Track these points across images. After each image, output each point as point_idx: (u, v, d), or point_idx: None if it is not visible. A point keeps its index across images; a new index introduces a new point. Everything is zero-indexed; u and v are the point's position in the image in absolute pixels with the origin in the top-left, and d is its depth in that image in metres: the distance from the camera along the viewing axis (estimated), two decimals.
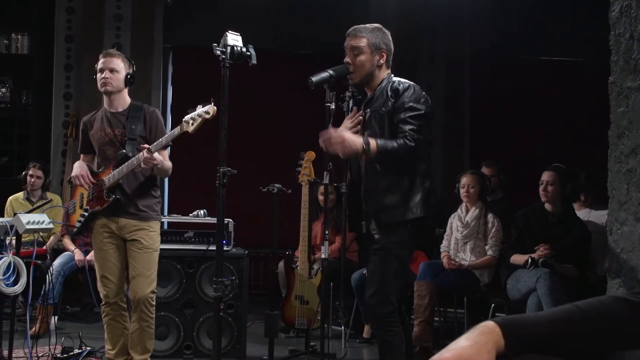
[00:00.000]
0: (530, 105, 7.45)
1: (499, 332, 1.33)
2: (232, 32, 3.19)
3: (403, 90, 3.32)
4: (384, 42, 3.44)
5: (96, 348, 4.78)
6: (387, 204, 3.30)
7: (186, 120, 3.59)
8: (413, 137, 3.21)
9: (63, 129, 7.27)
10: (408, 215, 3.28)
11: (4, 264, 3.49)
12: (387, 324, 3.29)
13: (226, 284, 3.06)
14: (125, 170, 3.80)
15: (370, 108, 3.41)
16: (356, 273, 5.43)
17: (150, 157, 3.67)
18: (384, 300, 3.29)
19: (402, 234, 3.31)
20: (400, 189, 3.30)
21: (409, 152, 3.22)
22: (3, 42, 7.28)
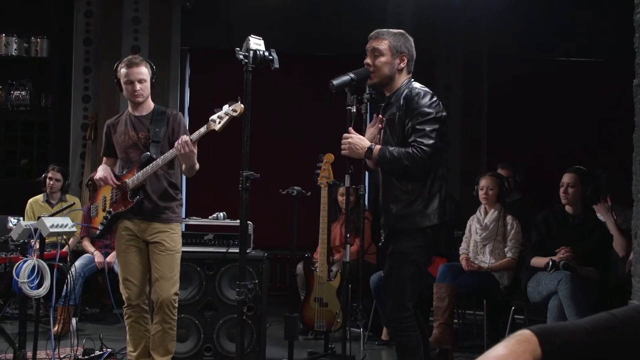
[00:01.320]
0: (549, 106, 7.41)
1: (535, 341, 1.33)
2: (255, 36, 3.20)
3: (413, 96, 3.32)
4: (406, 47, 3.44)
5: (116, 349, 4.82)
6: (404, 212, 3.29)
7: (213, 119, 3.59)
8: (422, 144, 3.21)
9: (82, 131, 7.34)
10: (425, 223, 3.27)
11: (29, 267, 3.52)
12: (404, 328, 3.29)
13: (249, 287, 3.07)
14: (150, 171, 3.83)
15: (386, 115, 3.43)
16: (375, 275, 5.43)
17: (189, 143, 3.66)
18: (400, 305, 3.29)
19: (421, 239, 3.30)
20: (418, 196, 3.29)
21: (415, 161, 3.21)
22: (23, 45, 7.35)
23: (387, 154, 3.25)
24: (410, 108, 3.29)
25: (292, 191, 4.63)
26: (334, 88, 3.50)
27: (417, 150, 3.20)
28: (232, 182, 7.17)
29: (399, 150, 3.25)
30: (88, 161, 7.17)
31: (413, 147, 3.21)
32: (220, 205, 5.19)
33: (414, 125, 3.25)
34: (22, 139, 7.41)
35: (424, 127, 3.23)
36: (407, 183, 3.29)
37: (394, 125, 3.36)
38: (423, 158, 3.19)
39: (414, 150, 3.20)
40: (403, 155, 3.21)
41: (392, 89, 3.45)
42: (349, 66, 7.34)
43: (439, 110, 3.30)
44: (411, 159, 3.20)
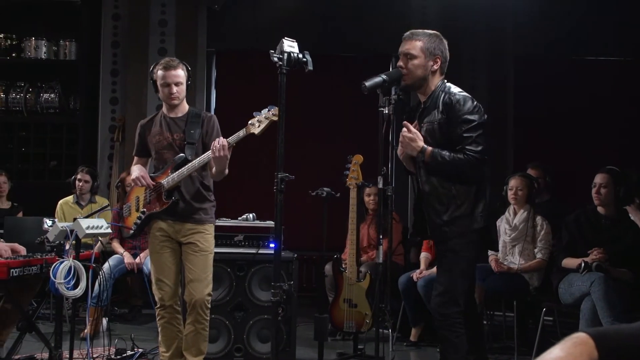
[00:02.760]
0: (577, 106, 7.35)
1: (592, 344, 1.33)
2: (288, 38, 3.21)
3: (455, 102, 3.34)
4: (440, 49, 3.45)
5: (147, 350, 4.86)
6: (453, 216, 3.33)
7: (252, 122, 3.63)
8: (472, 151, 3.26)
9: (109, 133, 7.41)
10: (473, 225, 3.33)
11: (65, 268, 3.56)
12: (452, 324, 3.32)
13: (284, 288, 3.08)
14: (185, 172, 3.87)
15: (424, 120, 3.44)
16: (403, 276, 5.44)
17: (226, 146, 3.70)
18: (450, 300, 3.33)
19: (470, 236, 3.35)
20: (465, 200, 3.33)
21: (467, 167, 3.27)
22: (52, 48, 7.43)
23: (439, 157, 3.30)
24: (454, 115, 3.32)
25: (322, 192, 4.65)
26: (366, 90, 3.51)
27: (469, 157, 3.26)
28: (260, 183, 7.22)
29: (449, 154, 3.29)
30: (116, 163, 7.24)
31: (465, 154, 3.26)
32: (249, 206, 5.23)
33: (461, 133, 3.29)
34: (51, 141, 7.48)
35: (471, 134, 3.28)
36: (453, 187, 3.33)
37: (434, 131, 3.39)
38: (474, 164, 3.25)
39: (465, 156, 3.26)
40: (456, 160, 3.27)
41: (426, 92, 3.46)
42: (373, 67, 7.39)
43: (481, 115, 3.33)
44: (462, 165, 3.26)
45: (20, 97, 7.33)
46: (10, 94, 7.34)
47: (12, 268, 3.67)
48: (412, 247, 6.28)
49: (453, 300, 3.34)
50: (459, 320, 3.34)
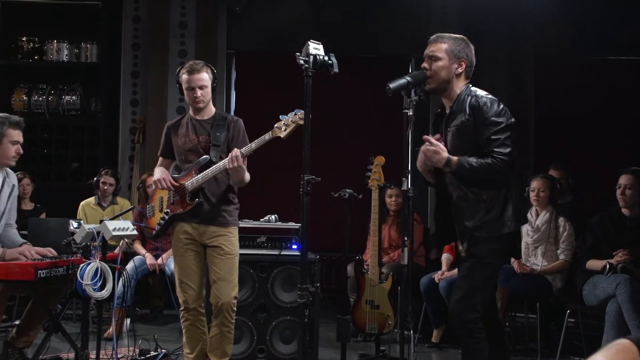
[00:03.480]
0: (598, 106, 7.30)
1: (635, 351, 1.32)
2: (314, 41, 3.22)
3: (481, 105, 3.32)
4: (465, 52, 3.45)
5: (170, 350, 4.89)
6: (482, 222, 3.31)
7: (278, 126, 3.64)
8: (501, 154, 3.25)
9: (130, 134, 7.47)
10: (503, 230, 3.30)
11: (92, 270, 3.59)
12: (471, 331, 3.29)
13: (311, 290, 3.09)
14: (210, 174, 3.88)
15: (451, 125, 3.43)
16: (425, 277, 5.43)
17: (239, 158, 3.74)
18: (470, 307, 3.29)
19: (496, 243, 3.33)
20: (494, 205, 3.31)
21: (496, 171, 3.25)
22: (73, 51, 7.50)
23: (466, 164, 3.29)
24: (481, 118, 3.31)
25: (344, 194, 4.65)
26: (390, 91, 3.48)
27: (497, 160, 3.24)
28: (281, 184, 7.24)
29: (477, 160, 3.27)
30: (137, 164, 7.29)
31: (492, 157, 3.25)
32: (270, 207, 5.25)
33: (489, 135, 3.28)
34: (73, 142, 7.54)
35: (499, 137, 3.26)
36: (483, 192, 3.32)
37: (462, 135, 3.37)
38: (502, 167, 3.24)
39: (493, 160, 3.24)
40: (483, 166, 3.25)
41: (451, 96, 3.45)
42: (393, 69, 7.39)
43: (508, 117, 3.32)
44: (491, 169, 3.24)
45: (42, 99, 7.42)
46: (33, 96, 7.42)
47: (39, 269, 3.70)
48: (433, 248, 6.28)
49: (472, 306, 3.31)
50: (478, 325, 3.32)
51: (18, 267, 3.70)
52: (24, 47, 7.48)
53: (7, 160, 4.14)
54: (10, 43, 7.48)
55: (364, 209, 5.12)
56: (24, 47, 7.48)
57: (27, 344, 4.21)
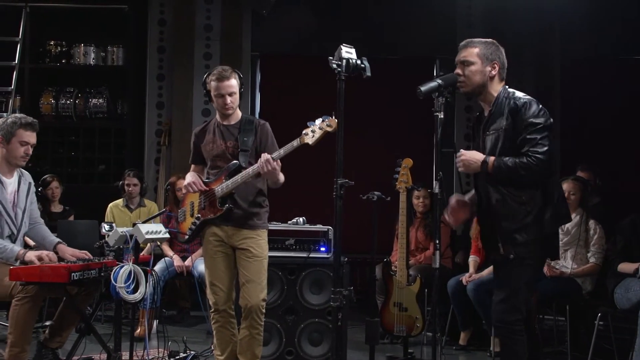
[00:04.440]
0: (627, 107, 7.23)
1: None
2: (346, 44, 3.22)
3: (520, 106, 3.34)
4: (497, 55, 3.47)
5: (199, 352, 4.92)
6: (523, 224, 3.30)
7: (306, 132, 3.65)
8: (537, 152, 3.25)
9: (156, 137, 7.53)
10: (544, 230, 3.31)
11: (125, 272, 3.63)
12: (513, 332, 3.31)
13: (344, 293, 3.09)
14: (239, 180, 3.90)
15: (490, 129, 3.44)
16: (452, 280, 5.42)
17: (272, 162, 3.76)
18: (512, 308, 3.31)
19: (536, 244, 3.33)
20: (534, 206, 3.31)
21: (532, 170, 3.25)
22: (100, 54, 7.58)
23: (502, 165, 3.30)
24: (519, 120, 3.32)
25: (373, 196, 4.64)
26: (422, 94, 3.49)
27: (532, 159, 3.24)
28: (310, 187, 7.24)
29: (513, 160, 3.28)
30: (163, 166, 7.34)
31: (528, 156, 3.25)
32: (298, 209, 5.27)
33: (525, 135, 3.29)
34: (99, 145, 7.62)
35: (535, 136, 3.27)
36: (522, 194, 3.32)
37: (501, 138, 3.38)
38: (539, 166, 3.23)
39: (529, 159, 3.24)
40: (519, 165, 3.26)
41: (488, 99, 3.47)
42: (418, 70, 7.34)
43: (547, 118, 3.32)
44: (527, 169, 3.24)
45: (69, 102, 7.50)
46: (61, 99, 7.51)
47: (73, 272, 3.75)
48: (459, 250, 6.26)
49: (515, 307, 3.33)
50: (520, 327, 3.34)
51: (52, 270, 3.75)
52: (51, 51, 7.57)
53: (16, 160, 4.19)
54: (39, 47, 7.58)
55: (389, 211, 5.11)
56: (51, 51, 7.57)
57: (60, 345, 4.26)
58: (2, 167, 4.18)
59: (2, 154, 4.17)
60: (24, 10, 7.28)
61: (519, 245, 3.31)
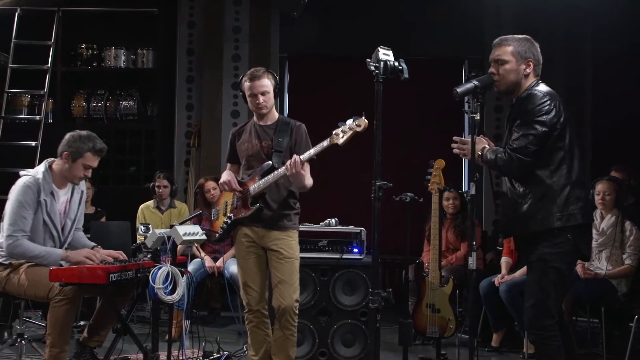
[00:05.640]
0: None
1: None
2: (383, 47, 3.23)
3: (527, 97, 3.38)
4: (531, 52, 3.47)
5: (232, 352, 4.95)
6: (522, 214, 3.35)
7: (336, 132, 3.66)
8: (510, 147, 3.31)
9: (185, 138, 7.58)
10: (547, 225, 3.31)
11: (163, 274, 3.66)
12: (547, 337, 3.29)
13: (382, 295, 3.10)
14: (271, 180, 3.93)
15: (509, 122, 3.49)
16: (485, 281, 5.39)
17: (298, 164, 3.77)
18: (544, 312, 3.29)
19: (561, 244, 3.31)
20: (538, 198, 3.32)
21: (508, 163, 3.32)
22: (130, 57, 7.65)
23: (487, 155, 3.39)
24: (520, 108, 3.39)
25: (406, 197, 4.63)
26: (458, 96, 3.50)
27: (504, 153, 3.32)
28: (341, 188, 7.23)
29: (496, 150, 3.38)
30: (192, 167, 7.39)
31: (505, 149, 3.34)
32: (330, 210, 5.28)
33: (516, 126, 3.36)
34: (130, 147, 7.69)
35: (520, 131, 3.32)
36: (522, 186, 3.37)
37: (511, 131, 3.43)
38: (513, 160, 3.29)
39: (506, 153, 3.32)
40: (498, 157, 3.35)
41: (518, 94, 3.47)
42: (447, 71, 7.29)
43: (548, 116, 3.31)
44: (504, 161, 3.33)
45: (100, 105, 7.57)
46: (92, 102, 7.58)
47: (111, 273, 3.80)
48: (490, 250, 6.23)
49: (546, 311, 3.31)
50: (554, 332, 3.31)
51: (91, 271, 3.80)
52: (83, 54, 7.65)
53: (73, 179, 4.22)
54: (70, 50, 7.65)
55: (418, 211, 5.10)
56: (83, 54, 7.65)
57: (99, 344, 4.31)
58: (57, 179, 4.20)
59: (62, 167, 4.17)
60: (56, 15, 7.37)
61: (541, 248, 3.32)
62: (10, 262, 4.08)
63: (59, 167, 4.17)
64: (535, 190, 3.34)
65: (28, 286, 4.02)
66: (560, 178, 3.33)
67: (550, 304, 3.29)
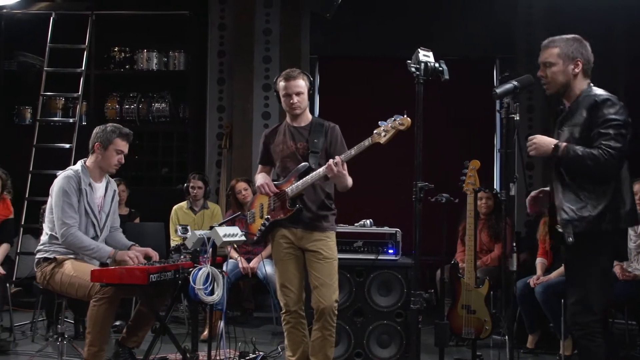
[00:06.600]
0: None
1: None
2: (423, 48, 3.23)
3: (599, 103, 3.34)
4: (579, 52, 3.44)
5: (267, 352, 4.97)
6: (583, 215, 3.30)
7: (378, 132, 3.67)
8: (609, 147, 3.23)
9: (217, 140, 7.64)
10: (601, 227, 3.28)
11: (203, 275, 3.70)
12: (589, 334, 3.29)
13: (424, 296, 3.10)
14: (309, 181, 3.94)
15: (566, 124, 3.44)
16: (520, 282, 5.35)
17: (339, 165, 3.78)
18: (586, 310, 3.30)
19: (603, 244, 3.31)
20: (600, 200, 3.29)
21: (600, 163, 3.23)
22: (162, 59, 7.73)
23: (571, 151, 3.29)
24: (597, 115, 3.31)
25: (441, 198, 4.62)
26: (497, 97, 3.50)
27: (603, 152, 3.23)
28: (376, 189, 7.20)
29: (584, 149, 3.28)
30: (224, 169, 7.44)
31: (599, 149, 3.24)
32: (364, 211, 5.28)
33: (599, 130, 3.28)
34: (162, 148, 7.76)
35: (608, 131, 3.26)
36: (587, 186, 3.31)
37: (575, 133, 3.38)
38: (608, 160, 3.22)
39: (599, 152, 3.24)
40: (588, 155, 3.25)
41: (571, 96, 3.45)
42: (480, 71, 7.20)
43: (625, 117, 3.32)
44: (595, 160, 3.23)
45: (133, 107, 7.67)
46: (125, 104, 7.67)
47: (151, 274, 3.85)
48: (523, 251, 6.18)
49: (588, 308, 3.31)
50: (597, 329, 3.31)
51: (132, 272, 3.85)
52: (115, 57, 7.75)
53: (109, 167, 4.39)
54: (104, 53, 7.76)
55: (451, 212, 5.08)
56: (116, 57, 7.75)
57: (137, 344, 4.37)
58: (94, 172, 4.37)
59: (96, 159, 4.36)
60: (89, 19, 7.48)
61: (583, 244, 3.30)
62: (54, 257, 4.19)
63: (93, 160, 4.37)
64: (601, 191, 3.32)
65: (69, 285, 4.11)
66: (618, 181, 3.35)
67: (592, 301, 3.29)
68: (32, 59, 7.68)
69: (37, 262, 4.29)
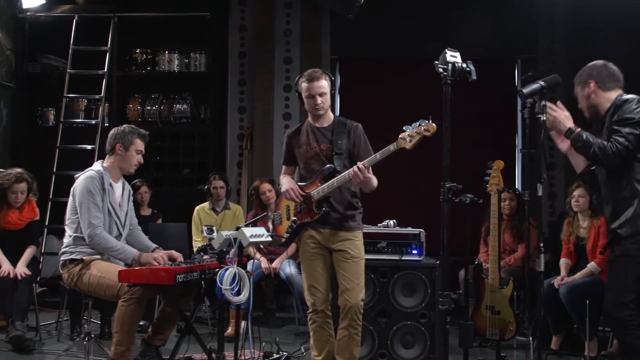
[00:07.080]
0: None
1: None
2: (451, 49, 3.24)
3: (622, 102, 3.45)
4: (589, 74, 3.59)
5: (290, 353, 4.99)
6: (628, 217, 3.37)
7: (403, 137, 3.68)
8: (617, 142, 3.35)
9: (238, 141, 7.67)
10: None
11: (230, 275, 3.72)
12: (626, 327, 3.35)
13: (452, 297, 3.10)
14: (335, 184, 3.95)
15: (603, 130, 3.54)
16: (544, 282, 5.31)
17: (363, 171, 3.80)
18: (622, 304, 3.35)
19: None
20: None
21: (606, 155, 3.35)
22: (183, 61, 7.77)
23: (583, 135, 3.42)
24: (617, 114, 3.42)
25: (465, 199, 4.60)
26: (524, 97, 3.53)
27: (612, 145, 3.35)
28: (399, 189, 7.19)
29: (595, 138, 3.41)
30: (245, 170, 7.48)
31: (610, 142, 3.36)
32: (387, 212, 5.28)
33: (614, 126, 3.40)
34: (184, 149, 7.79)
35: (620, 128, 3.37)
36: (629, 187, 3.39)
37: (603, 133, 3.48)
38: (613, 154, 3.34)
39: (609, 144, 3.36)
40: (596, 144, 3.38)
41: (605, 110, 3.57)
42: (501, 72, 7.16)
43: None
44: (602, 150, 3.36)
45: (155, 108, 7.71)
46: (146, 105, 7.72)
47: (178, 274, 3.88)
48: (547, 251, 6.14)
49: (624, 304, 3.37)
50: (633, 322, 3.36)
51: (158, 272, 3.89)
52: (137, 58, 7.79)
53: (130, 167, 4.46)
54: (125, 55, 7.81)
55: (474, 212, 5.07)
56: (137, 59, 7.79)
57: (163, 343, 4.41)
58: (113, 173, 4.43)
59: (116, 160, 4.42)
60: (112, 21, 7.54)
61: (626, 242, 3.39)
62: (81, 258, 4.24)
63: (112, 161, 4.44)
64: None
65: (97, 285, 4.15)
66: None
67: (630, 297, 3.35)
68: (55, 61, 7.75)
69: (63, 263, 4.32)
